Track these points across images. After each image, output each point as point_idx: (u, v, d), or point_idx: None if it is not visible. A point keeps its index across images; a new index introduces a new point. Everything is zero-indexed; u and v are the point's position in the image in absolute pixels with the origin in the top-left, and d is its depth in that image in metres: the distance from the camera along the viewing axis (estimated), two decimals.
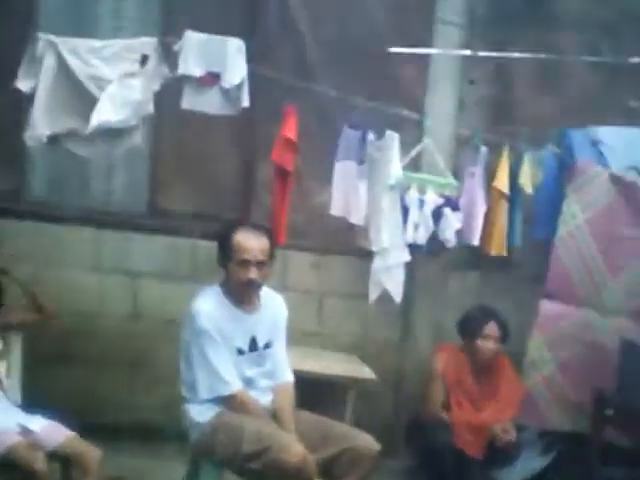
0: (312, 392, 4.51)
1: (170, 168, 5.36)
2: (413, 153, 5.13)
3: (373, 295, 4.99)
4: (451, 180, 5.14)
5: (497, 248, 5.19)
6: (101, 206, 5.37)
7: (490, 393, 4.94)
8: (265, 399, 3.94)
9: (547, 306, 5.01)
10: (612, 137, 5.32)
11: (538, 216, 5.32)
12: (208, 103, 4.63)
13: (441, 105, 5.52)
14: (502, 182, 5.16)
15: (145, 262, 5.25)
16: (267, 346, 4.00)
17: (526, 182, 5.17)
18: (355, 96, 4.98)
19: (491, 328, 4.92)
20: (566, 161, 5.23)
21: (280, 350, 4.08)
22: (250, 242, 3.87)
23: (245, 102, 4.60)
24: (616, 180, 5.10)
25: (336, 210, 5.02)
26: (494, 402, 4.89)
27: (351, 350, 5.37)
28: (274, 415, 3.91)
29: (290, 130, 4.78)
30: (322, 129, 5.15)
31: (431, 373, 4.95)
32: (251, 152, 5.38)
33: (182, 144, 5.33)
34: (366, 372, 5.02)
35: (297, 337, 4.81)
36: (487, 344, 4.91)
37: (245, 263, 3.85)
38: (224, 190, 5.45)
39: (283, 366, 4.08)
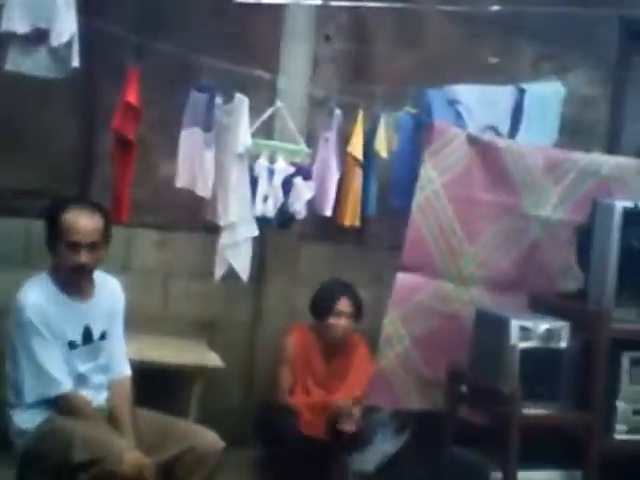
0: (155, 383, 4.27)
1: None
2: (263, 118, 4.83)
3: (219, 273, 4.71)
4: (303, 147, 4.88)
5: (350, 218, 4.98)
6: None
7: (340, 375, 4.74)
8: (100, 397, 3.65)
9: (403, 279, 4.71)
10: (470, 96, 5.14)
11: (395, 183, 5.10)
12: (35, 64, 4.07)
13: (295, 64, 5.18)
14: (356, 147, 4.92)
15: None
16: (102, 337, 3.69)
17: (382, 147, 4.96)
18: (203, 55, 4.60)
19: (343, 304, 4.70)
20: (424, 123, 4.98)
21: (117, 341, 3.78)
22: (81, 222, 3.52)
23: (75, 62, 4.06)
24: (473, 141, 4.83)
25: (181, 182, 4.67)
26: (344, 384, 4.70)
27: (200, 334, 5.08)
28: (109, 415, 3.63)
29: (131, 94, 4.38)
30: (170, 93, 4.75)
31: (279, 356, 4.71)
32: (91, 120, 4.93)
33: (13, 112, 4.81)
34: (212, 359, 4.72)
35: (141, 322, 4.53)
36: (339, 322, 4.69)
37: (75, 246, 3.51)
38: (61, 164, 4.93)
39: (120, 358, 3.78)
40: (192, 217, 4.95)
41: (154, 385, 4.21)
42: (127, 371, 3.79)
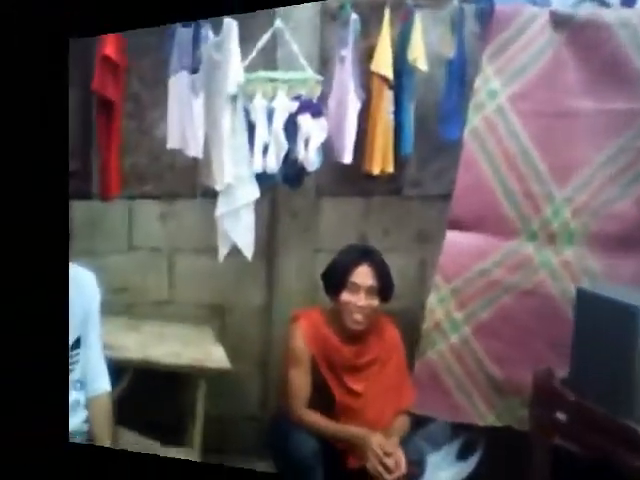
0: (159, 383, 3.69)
1: None
2: (259, 45, 3.71)
3: (223, 250, 3.72)
4: (310, 74, 3.70)
5: (380, 162, 3.71)
6: None
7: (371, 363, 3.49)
8: (75, 419, 3.03)
9: (455, 239, 3.42)
10: None
11: (448, 106, 3.72)
12: None
13: None
14: (382, 62, 3.65)
15: None
16: (76, 345, 3.10)
17: (418, 55, 3.63)
18: None
19: (360, 274, 3.38)
20: (484, 13, 3.59)
21: (94, 349, 3.17)
22: None
23: None
24: (562, 21, 3.44)
25: (172, 142, 3.75)
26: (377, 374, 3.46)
27: (210, 320, 4.17)
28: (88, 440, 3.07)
29: (110, 45, 3.57)
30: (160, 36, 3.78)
31: (290, 354, 3.47)
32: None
33: None
34: (217, 357, 3.72)
35: (146, 309, 3.98)
36: (355, 299, 3.37)
37: None
38: None
39: (97, 370, 3.18)
40: (193, 183, 4.04)
41: (161, 386, 3.65)
42: (106, 385, 3.18)
